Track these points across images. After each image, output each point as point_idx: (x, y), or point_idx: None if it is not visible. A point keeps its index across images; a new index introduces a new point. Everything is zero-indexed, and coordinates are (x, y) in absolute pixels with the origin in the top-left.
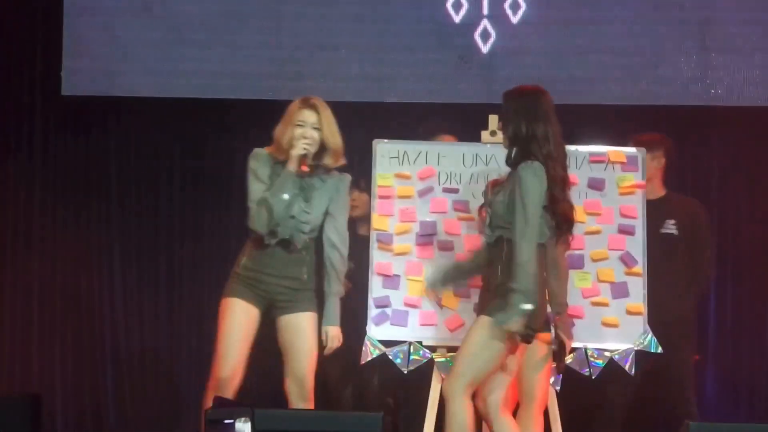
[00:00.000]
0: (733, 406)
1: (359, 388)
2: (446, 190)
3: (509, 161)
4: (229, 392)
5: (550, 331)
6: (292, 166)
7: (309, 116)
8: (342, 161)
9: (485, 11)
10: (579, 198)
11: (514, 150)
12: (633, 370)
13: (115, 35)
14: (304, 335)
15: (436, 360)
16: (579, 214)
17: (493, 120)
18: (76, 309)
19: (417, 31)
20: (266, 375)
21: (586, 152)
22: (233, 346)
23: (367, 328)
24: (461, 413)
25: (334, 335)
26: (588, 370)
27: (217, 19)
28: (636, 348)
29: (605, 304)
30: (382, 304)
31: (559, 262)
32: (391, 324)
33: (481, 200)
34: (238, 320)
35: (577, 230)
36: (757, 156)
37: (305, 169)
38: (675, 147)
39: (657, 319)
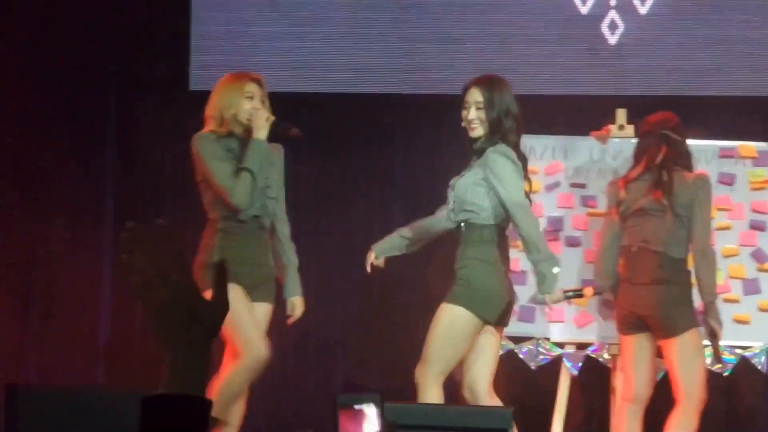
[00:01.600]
0: None
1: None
2: (573, 185)
3: (478, 144)
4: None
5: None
6: (261, 133)
7: (255, 89)
8: None
9: (612, 2)
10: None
11: (487, 135)
12: (765, 368)
13: (242, 30)
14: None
15: (564, 356)
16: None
17: (621, 114)
18: None
19: (543, 22)
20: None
21: (715, 147)
22: (258, 328)
23: None
24: (434, 401)
25: (299, 305)
26: (719, 366)
27: (343, 13)
28: None
29: (736, 301)
30: None
31: (707, 251)
32: (519, 320)
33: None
34: (245, 303)
35: None
36: None
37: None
38: None
39: None
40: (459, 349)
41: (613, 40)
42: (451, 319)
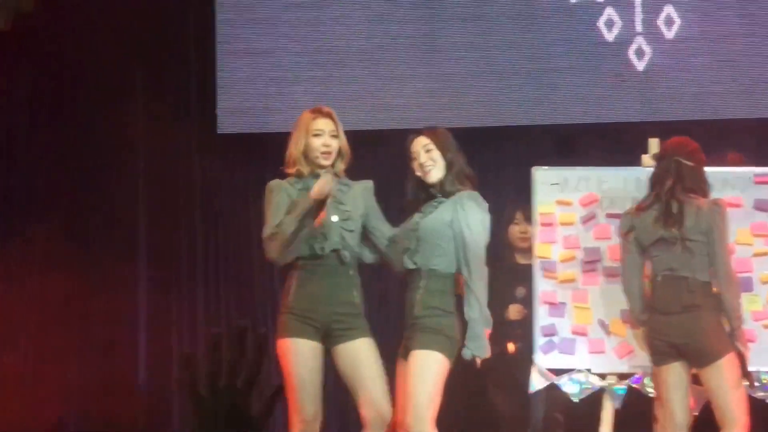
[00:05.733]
0: None
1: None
2: (609, 216)
3: (439, 189)
4: None
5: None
6: (313, 192)
7: (325, 124)
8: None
9: (638, 28)
10: (745, 220)
11: (448, 178)
12: None
13: (268, 73)
14: (368, 362)
15: (606, 387)
16: (745, 236)
17: (654, 144)
18: None
19: (570, 51)
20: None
21: (750, 173)
22: (310, 388)
23: (535, 357)
24: None
25: None
26: (762, 394)
27: (369, 53)
28: None
29: None
30: (549, 332)
31: (729, 276)
32: (559, 352)
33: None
34: (305, 360)
35: (745, 253)
36: None
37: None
38: None
39: None
40: (441, 392)
41: (640, 66)
42: (435, 365)
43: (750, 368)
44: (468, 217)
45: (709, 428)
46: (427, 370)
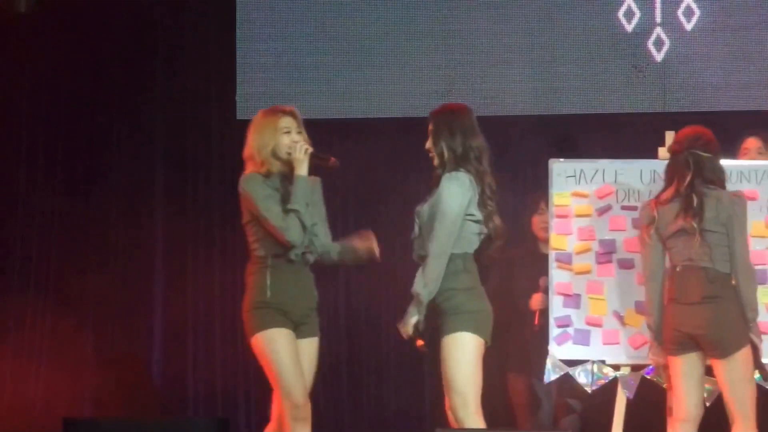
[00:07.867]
0: None
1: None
2: (625, 208)
3: (437, 172)
4: (308, 418)
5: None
6: (303, 171)
7: (291, 122)
8: None
9: (658, 19)
10: (760, 213)
11: (440, 163)
12: None
13: (288, 59)
14: (312, 362)
15: (620, 377)
16: (760, 229)
17: (670, 136)
18: None
19: (589, 41)
20: None
21: (766, 166)
22: (298, 372)
23: (549, 348)
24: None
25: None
26: None
27: (388, 40)
28: None
29: None
30: (564, 323)
31: (747, 268)
32: (573, 343)
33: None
34: (290, 347)
35: (760, 245)
36: None
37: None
38: None
39: None
40: (480, 373)
41: (659, 57)
42: (466, 348)
43: (764, 360)
44: (443, 193)
45: (719, 421)
46: (459, 353)
